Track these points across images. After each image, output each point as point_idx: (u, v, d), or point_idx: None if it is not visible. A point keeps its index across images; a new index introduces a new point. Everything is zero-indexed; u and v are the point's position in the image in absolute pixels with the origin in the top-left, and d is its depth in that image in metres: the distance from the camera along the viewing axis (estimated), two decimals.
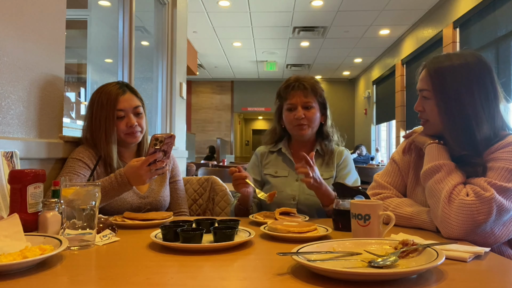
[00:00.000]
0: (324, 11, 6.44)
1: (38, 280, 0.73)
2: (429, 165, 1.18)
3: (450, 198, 1.09)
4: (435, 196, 1.14)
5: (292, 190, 1.67)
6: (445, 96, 1.17)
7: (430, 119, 1.24)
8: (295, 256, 0.77)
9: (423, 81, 1.24)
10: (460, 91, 1.15)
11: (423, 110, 1.25)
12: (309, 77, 1.72)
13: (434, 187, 1.15)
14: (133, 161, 1.36)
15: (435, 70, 1.20)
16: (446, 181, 1.13)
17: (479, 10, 4.85)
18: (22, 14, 1.39)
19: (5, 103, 1.32)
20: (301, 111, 1.65)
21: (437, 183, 1.14)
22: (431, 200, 1.16)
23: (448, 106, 1.17)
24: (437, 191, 1.13)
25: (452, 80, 1.16)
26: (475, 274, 0.79)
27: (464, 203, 1.06)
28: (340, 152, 1.76)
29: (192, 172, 5.49)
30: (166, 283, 0.72)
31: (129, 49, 2.69)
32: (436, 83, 1.19)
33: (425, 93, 1.23)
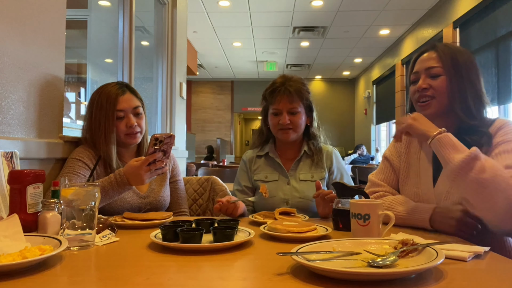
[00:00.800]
0: (324, 11, 6.44)
1: (37, 281, 0.73)
2: (462, 156, 1.06)
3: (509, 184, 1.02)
4: (488, 187, 1.02)
5: (284, 193, 1.67)
6: (458, 73, 1.23)
7: (437, 96, 1.25)
8: (294, 256, 0.77)
9: (432, 59, 1.27)
10: (470, 71, 1.24)
11: (429, 87, 1.26)
12: (296, 79, 1.70)
13: (483, 178, 1.02)
14: (132, 161, 1.36)
15: (448, 50, 1.27)
16: (496, 168, 1.04)
17: (479, 10, 4.85)
18: (22, 14, 1.39)
19: (5, 103, 1.32)
20: (286, 117, 1.64)
21: (482, 172, 1.02)
22: (480, 193, 1.03)
23: (460, 81, 1.23)
24: (489, 180, 1.02)
25: (463, 61, 1.25)
26: (474, 273, 0.79)
27: None
28: (329, 154, 1.75)
29: (192, 172, 5.49)
30: (166, 283, 0.72)
31: (129, 49, 2.69)
32: (448, 61, 1.25)
33: (435, 70, 1.26)
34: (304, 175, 1.70)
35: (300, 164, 1.72)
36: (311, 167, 1.71)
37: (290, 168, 1.72)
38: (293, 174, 1.71)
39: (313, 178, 1.68)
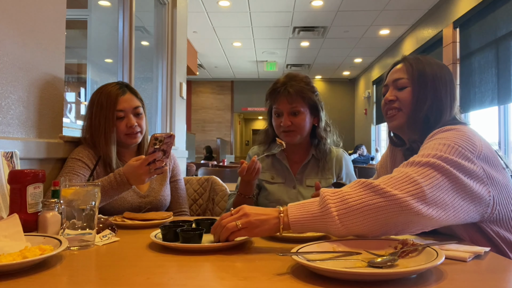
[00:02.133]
0: (324, 11, 6.44)
1: (37, 280, 0.73)
2: (317, 202, 0.93)
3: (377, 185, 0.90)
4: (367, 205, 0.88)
5: (290, 197, 1.62)
6: (423, 84, 1.21)
7: (402, 107, 1.23)
8: (295, 256, 0.77)
9: (399, 71, 1.27)
10: (436, 84, 1.20)
11: (395, 99, 1.24)
12: (300, 78, 1.62)
13: (354, 203, 0.89)
14: (132, 160, 1.36)
15: (416, 62, 1.25)
16: (353, 186, 0.93)
17: (479, 10, 4.85)
18: (22, 14, 1.39)
19: (5, 103, 1.32)
20: (287, 118, 1.58)
21: (346, 200, 0.90)
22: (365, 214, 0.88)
23: (424, 93, 1.20)
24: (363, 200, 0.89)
25: (431, 73, 1.22)
26: (475, 274, 0.79)
27: (394, 178, 0.92)
28: (339, 159, 1.69)
29: (192, 172, 5.50)
30: (166, 283, 0.72)
31: (129, 49, 2.69)
32: (415, 72, 1.22)
33: (401, 82, 1.24)
34: (311, 181, 1.64)
35: (307, 169, 1.67)
36: (318, 173, 1.66)
37: (297, 172, 1.66)
38: (299, 179, 1.66)
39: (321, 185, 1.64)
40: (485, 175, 0.99)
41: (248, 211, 0.96)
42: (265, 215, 0.95)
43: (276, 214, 0.94)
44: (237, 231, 0.94)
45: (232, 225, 0.94)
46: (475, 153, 1.00)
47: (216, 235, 0.97)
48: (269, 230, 0.94)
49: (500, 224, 1.05)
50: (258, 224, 0.94)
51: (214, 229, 0.98)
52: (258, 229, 0.94)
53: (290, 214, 0.93)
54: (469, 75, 5.08)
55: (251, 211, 0.96)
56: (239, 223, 0.94)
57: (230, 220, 0.95)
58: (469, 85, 5.07)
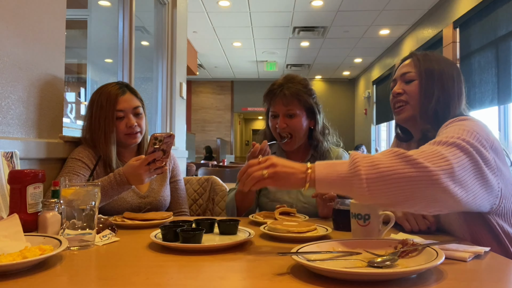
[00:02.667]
0: (324, 11, 6.43)
1: (37, 280, 0.73)
2: (347, 164, 0.90)
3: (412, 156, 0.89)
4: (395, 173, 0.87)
5: (290, 197, 1.63)
6: (430, 78, 1.23)
7: (410, 100, 1.26)
8: (295, 256, 0.77)
9: (407, 65, 1.29)
10: (443, 78, 1.23)
11: (403, 92, 1.27)
12: (298, 80, 1.62)
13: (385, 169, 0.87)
14: (132, 160, 1.36)
15: (423, 56, 1.28)
16: (386, 153, 0.91)
17: (479, 10, 4.85)
18: (22, 14, 1.39)
19: (5, 103, 1.32)
20: (282, 120, 1.59)
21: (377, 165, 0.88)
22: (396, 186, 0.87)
23: (431, 86, 1.23)
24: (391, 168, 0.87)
25: (438, 68, 1.25)
26: (475, 273, 0.79)
27: (427, 152, 0.91)
28: (339, 158, 1.69)
29: (192, 172, 5.50)
30: (166, 283, 0.72)
31: (129, 49, 2.69)
32: (422, 66, 1.25)
33: (410, 75, 1.27)
34: None
35: None
36: None
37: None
38: None
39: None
40: (496, 166, 1.00)
41: (276, 162, 0.95)
42: (292, 169, 0.94)
43: (304, 169, 0.92)
44: (262, 180, 0.93)
45: (259, 174, 0.93)
46: (489, 143, 1.01)
47: (241, 182, 0.96)
48: (294, 183, 0.92)
49: (505, 218, 1.07)
50: (284, 176, 0.93)
51: (240, 176, 0.97)
52: (283, 181, 0.93)
53: (317, 171, 0.91)
54: (469, 75, 5.08)
55: (279, 162, 0.95)
56: (265, 172, 0.93)
57: (256, 168, 0.94)
58: (469, 85, 5.07)
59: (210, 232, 1.12)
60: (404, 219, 1.16)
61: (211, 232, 1.13)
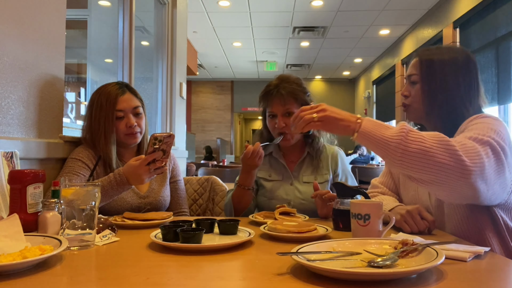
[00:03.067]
0: (324, 11, 6.43)
1: (37, 281, 0.73)
2: (396, 129, 0.97)
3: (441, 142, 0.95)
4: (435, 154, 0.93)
5: (287, 194, 1.65)
6: (432, 81, 1.21)
7: (413, 104, 1.27)
8: (294, 256, 0.77)
9: (413, 67, 1.28)
10: (446, 79, 1.20)
11: (408, 95, 1.28)
12: (292, 79, 1.65)
13: (426, 146, 0.94)
14: (132, 160, 1.36)
15: (426, 57, 1.25)
16: (433, 135, 0.98)
17: (479, 10, 4.85)
18: (22, 14, 1.39)
19: (5, 103, 1.32)
20: (281, 120, 1.61)
21: (423, 141, 0.95)
22: (429, 164, 0.94)
23: (432, 90, 1.21)
24: (433, 147, 0.94)
25: (440, 68, 1.21)
26: (475, 273, 0.79)
27: (468, 147, 0.96)
28: (334, 155, 1.72)
29: (192, 172, 5.49)
30: (166, 283, 0.72)
31: (129, 49, 2.69)
32: (424, 69, 1.23)
33: (413, 78, 1.27)
34: (308, 177, 1.68)
35: (303, 166, 1.71)
36: (314, 169, 1.69)
37: (294, 169, 1.70)
38: (296, 176, 1.69)
39: (316, 181, 1.66)
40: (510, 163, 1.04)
41: (327, 107, 1.04)
42: (342, 115, 1.02)
43: (353, 119, 1.01)
44: (313, 122, 1.02)
45: (309, 117, 1.02)
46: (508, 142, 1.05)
47: (293, 125, 1.06)
48: (342, 129, 1.01)
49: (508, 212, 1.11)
50: (334, 121, 1.02)
51: (292, 120, 1.07)
52: (332, 125, 1.03)
53: (363, 125, 0.99)
54: None
55: (330, 108, 1.04)
56: (315, 116, 1.01)
57: (308, 112, 1.03)
58: None
59: (210, 232, 1.12)
60: (402, 221, 1.16)
61: (211, 232, 1.13)
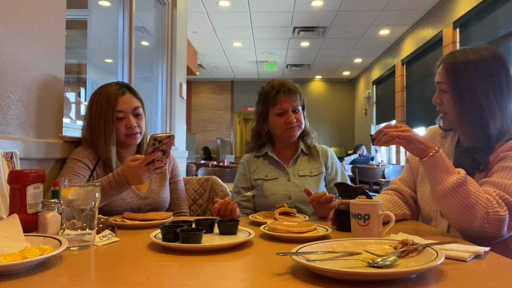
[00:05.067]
0: (324, 11, 6.43)
1: (37, 281, 0.73)
2: (452, 180, 1.09)
3: (488, 213, 1.07)
4: (469, 212, 1.08)
5: (286, 190, 1.70)
6: (459, 89, 1.22)
7: (447, 112, 1.28)
8: (294, 256, 0.77)
9: (440, 74, 1.28)
10: (473, 84, 1.20)
11: (441, 103, 1.29)
12: (288, 81, 1.76)
13: (466, 203, 1.08)
14: (129, 160, 1.35)
15: (451, 64, 1.25)
16: (478, 194, 1.09)
17: (479, 10, 4.85)
18: (22, 14, 1.39)
19: (5, 103, 1.32)
20: (292, 115, 1.70)
21: (467, 197, 1.08)
22: (461, 215, 1.09)
23: (462, 98, 1.21)
24: (471, 206, 1.08)
25: (465, 74, 1.21)
26: (475, 273, 0.79)
27: (499, 216, 1.07)
28: (324, 151, 1.82)
29: (192, 172, 5.50)
30: (166, 283, 0.72)
31: (129, 49, 2.69)
32: (451, 77, 1.24)
33: (442, 86, 1.28)
34: (303, 171, 1.75)
35: (298, 162, 1.78)
36: (308, 163, 1.77)
37: (289, 165, 1.76)
38: (292, 171, 1.75)
39: (312, 174, 1.74)
40: None
41: (409, 129, 1.16)
42: (423, 139, 1.15)
43: (431, 151, 1.13)
44: (397, 139, 1.14)
45: (395, 134, 1.14)
46: None
47: (377, 140, 1.17)
48: (419, 150, 1.14)
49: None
50: (415, 142, 1.14)
51: (377, 134, 1.18)
52: (413, 145, 1.14)
53: (434, 159, 1.12)
54: None
55: (412, 130, 1.16)
56: (400, 134, 1.14)
57: (393, 130, 1.15)
58: None
59: (210, 232, 1.12)
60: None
61: (211, 232, 1.13)
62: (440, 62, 1.30)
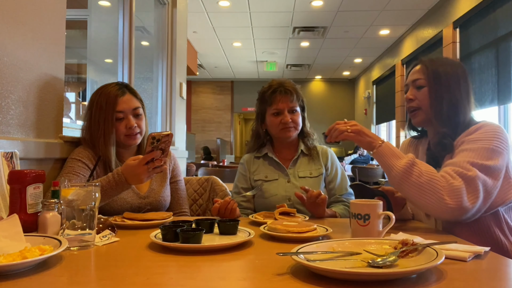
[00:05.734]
0: (324, 11, 6.43)
1: (37, 281, 0.73)
2: (403, 162, 1.20)
3: (443, 186, 1.15)
4: (425, 190, 1.16)
5: (286, 191, 1.69)
6: (437, 83, 1.34)
7: (422, 106, 1.37)
8: (294, 256, 0.77)
9: (417, 72, 1.39)
10: (450, 81, 1.34)
11: (414, 99, 1.39)
12: (288, 81, 1.76)
13: (421, 181, 1.17)
14: (130, 160, 1.35)
15: (430, 63, 1.38)
16: (430, 172, 1.18)
17: (479, 10, 4.85)
18: (22, 14, 1.38)
19: (5, 103, 1.31)
20: (287, 115, 1.70)
21: (420, 176, 1.17)
22: (419, 195, 1.17)
23: (439, 91, 1.34)
24: (426, 183, 1.16)
25: (444, 72, 1.35)
26: (474, 273, 0.79)
27: (455, 187, 1.14)
28: (324, 151, 1.81)
29: (192, 172, 5.49)
30: (166, 283, 0.72)
31: (129, 49, 2.69)
32: (430, 73, 1.36)
33: (419, 82, 1.38)
34: (303, 172, 1.74)
35: (298, 162, 1.77)
36: (308, 164, 1.76)
37: (289, 166, 1.75)
38: (292, 172, 1.74)
39: (312, 175, 1.73)
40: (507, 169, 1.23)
41: (358, 124, 1.29)
42: (370, 133, 1.28)
43: (378, 140, 1.26)
44: (346, 133, 1.27)
45: (344, 128, 1.28)
46: (506, 149, 1.22)
47: (329, 136, 1.31)
48: (367, 143, 1.27)
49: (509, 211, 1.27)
50: (363, 135, 1.28)
51: (329, 131, 1.31)
52: (361, 137, 1.27)
53: (382, 147, 1.24)
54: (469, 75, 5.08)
55: (361, 125, 1.30)
56: (349, 128, 1.27)
57: (343, 125, 1.29)
58: None
59: (210, 232, 1.12)
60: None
61: (211, 232, 1.13)
62: (417, 63, 1.42)
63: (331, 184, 1.74)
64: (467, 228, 1.23)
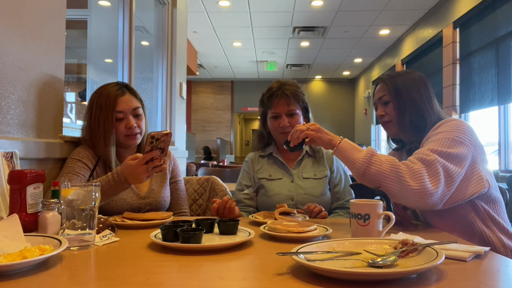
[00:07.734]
0: (324, 11, 6.43)
1: (37, 281, 0.73)
2: (362, 154, 1.25)
3: (404, 171, 1.20)
4: (388, 177, 1.21)
5: (289, 191, 1.69)
6: (399, 96, 1.43)
7: (391, 119, 1.46)
8: (294, 256, 0.77)
9: (381, 90, 1.49)
10: (410, 92, 1.42)
11: (385, 114, 1.47)
12: (291, 82, 1.75)
13: (383, 169, 1.21)
14: (128, 160, 1.34)
15: (389, 79, 1.47)
16: (390, 159, 1.24)
17: (479, 10, 4.85)
18: (22, 14, 1.38)
19: (5, 103, 1.32)
20: (285, 119, 1.69)
21: (381, 164, 1.22)
22: (384, 183, 1.21)
23: (402, 103, 1.42)
24: (388, 170, 1.21)
25: (403, 85, 1.44)
26: (474, 273, 0.79)
27: (415, 170, 1.19)
28: (330, 155, 1.79)
29: (192, 172, 5.49)
30: (166, 283, 0.72)
31: (129, 49, 2.69)
32: (391, 88, 1.45)
33: (384, 98, 1.47)
34: (307, 173, 1.73)
35: (302, 163, 1.76)
36: (313, 166, 1.75)
37: (293, 167, 1.75)
38: (296, 173, 1.74)
39: (316, 176, 1.72)
40: (476, 159, 1.28)
41: (318, 125, 1.35)
42: (329, 133, 1.34)
43: (337, 138, 1.32)
44: (306, 131, 1.32)
45: (304, 128, 1.34)
46: (472, 140, 1.28)
47: (290, 137, 1.36)
48: (327, 141, 1.32)
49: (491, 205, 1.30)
50: (323, 133, 1.33)
51: (291, 135, 1.37)
52: (321, 135, 1.33)
53: (341, 144, 1.30)
54: (469, 75, 5.08)
55: (321, 126, 1.35)
56: (309, 127, 1.33)
57: (303, 126, 1.35)
58: (469, 85, 5.07)
59: (210, 232, 1.12)
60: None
61: (211, 232, 1.13)
62: (379, 81, 1.51)
63: (336, 188, 1.74)
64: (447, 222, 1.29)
